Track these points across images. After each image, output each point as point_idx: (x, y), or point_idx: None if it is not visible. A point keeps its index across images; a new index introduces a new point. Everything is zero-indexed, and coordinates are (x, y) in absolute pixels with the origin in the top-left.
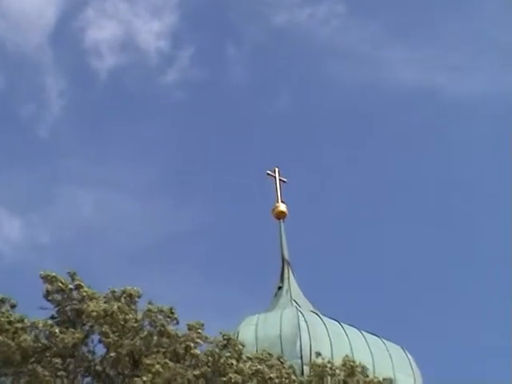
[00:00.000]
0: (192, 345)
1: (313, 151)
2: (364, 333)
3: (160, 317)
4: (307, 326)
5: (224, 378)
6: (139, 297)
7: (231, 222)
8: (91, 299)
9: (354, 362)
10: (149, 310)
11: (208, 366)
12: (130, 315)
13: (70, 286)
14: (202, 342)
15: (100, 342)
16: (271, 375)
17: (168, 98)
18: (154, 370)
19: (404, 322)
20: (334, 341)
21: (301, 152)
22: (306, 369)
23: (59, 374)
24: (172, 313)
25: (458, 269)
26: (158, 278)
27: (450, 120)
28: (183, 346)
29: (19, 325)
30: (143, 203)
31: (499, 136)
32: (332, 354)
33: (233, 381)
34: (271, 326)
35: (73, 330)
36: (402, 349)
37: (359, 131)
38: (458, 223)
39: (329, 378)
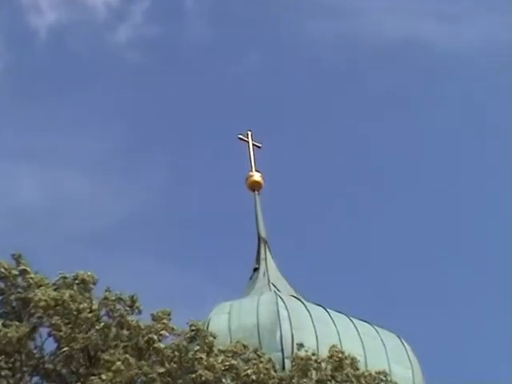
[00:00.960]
0: (155, 337)
1: (289, 112)
2: (354, 320)
3: (119, 306)
4: (288, 313)
5: (193, 375)
6: (94, 283)
7: (197, 195)
8: (39, 286)
9: (342, 353)
10: (106, 298)
11: (174, 362)
12: (85, 304)
13: (15, 272)
14: (167, 334)
15: (50, 335)
16: (247, 371)
17: (120, 59)
18: (114, 367)
19: (399, 306)
20: (319, 330)
21: (276, 113)
22: (288, 362)
23: (3, 373)
24: (133, 301)
25: (458, 249)
26: (115, 264)
27: (442, 75)
28: (145, 339)
29: None
30: (94, 180)
31: (499, 94)
32: (317, 345)
33: (203, 378)
34: (246, 314)
35: (18, 322)
36: (398, 337)
37: (340, 90)
38: (458, 198)
39: (314, 372)
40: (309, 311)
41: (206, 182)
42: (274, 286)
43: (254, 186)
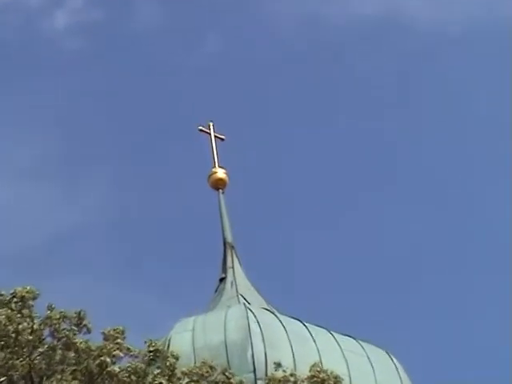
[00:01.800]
0: (108, 360)
1: (255, 100)
2: (336, 334)
3: (65, 325)
4: (260, 328)
5: None
6: (35, 298)
7: (151, 198)
8: None
9: (324, 372)
10: (49, 318)
11: None
12: (25, 324)
13: None
14: (122, 355)
15: None
16: None
17: (58, 47)
18: None
19: (387, 318)
20: (296, 347)
21: (240, 101)
22: None
23: None
24: (81, 318)
25: (450, 256)
26: (55, 282)
27: (429, 58)
28: (97, 362)
29: None
30: (27, 190)
31: (491, 75)
32: (294, 364)
33: None
34: (213, 331)
35: None
36: (387, 353)
37: (313, 73)
38: (452, 201)
39: None
40: (284, 326)
41: (162, 182)
42: (244, 297)
43: (218, 184)
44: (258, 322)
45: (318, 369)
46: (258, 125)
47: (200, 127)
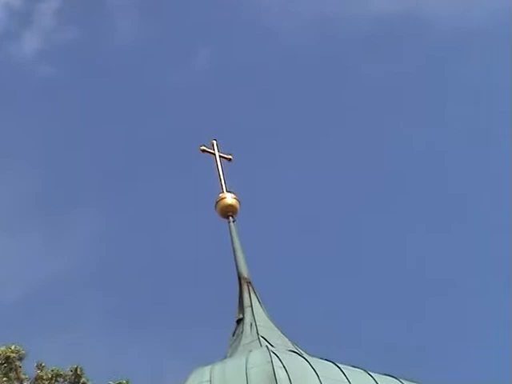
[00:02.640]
0: None
1: (261, 113)
2: (374, 375)
3: None
4: (287, 373)
5: None
6: (21, 358)
7: (151, 234)
8: None
9: None
10: (39, 378)
11: None
12: None
13: None
14: None
15: None
16: None
17: (28, 75)
18: None
19: (429, 353)
20: None
21: (244, 116)
22: None
23: None
24: (78, 375)
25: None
26: (47, 338)
27: (447, 60)
28: None
29: None
30: (6, 240)
31: None
32: None
33: None
34: (233, 380)
35: None
36: None
37: (320, 83)
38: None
39: None
40: (314, 369)
41: (161, 216)
42: (266, 339)
43: (227, 212)
44: (284, 367)
45: None
46: (267, 140)
47: (202, 147)
